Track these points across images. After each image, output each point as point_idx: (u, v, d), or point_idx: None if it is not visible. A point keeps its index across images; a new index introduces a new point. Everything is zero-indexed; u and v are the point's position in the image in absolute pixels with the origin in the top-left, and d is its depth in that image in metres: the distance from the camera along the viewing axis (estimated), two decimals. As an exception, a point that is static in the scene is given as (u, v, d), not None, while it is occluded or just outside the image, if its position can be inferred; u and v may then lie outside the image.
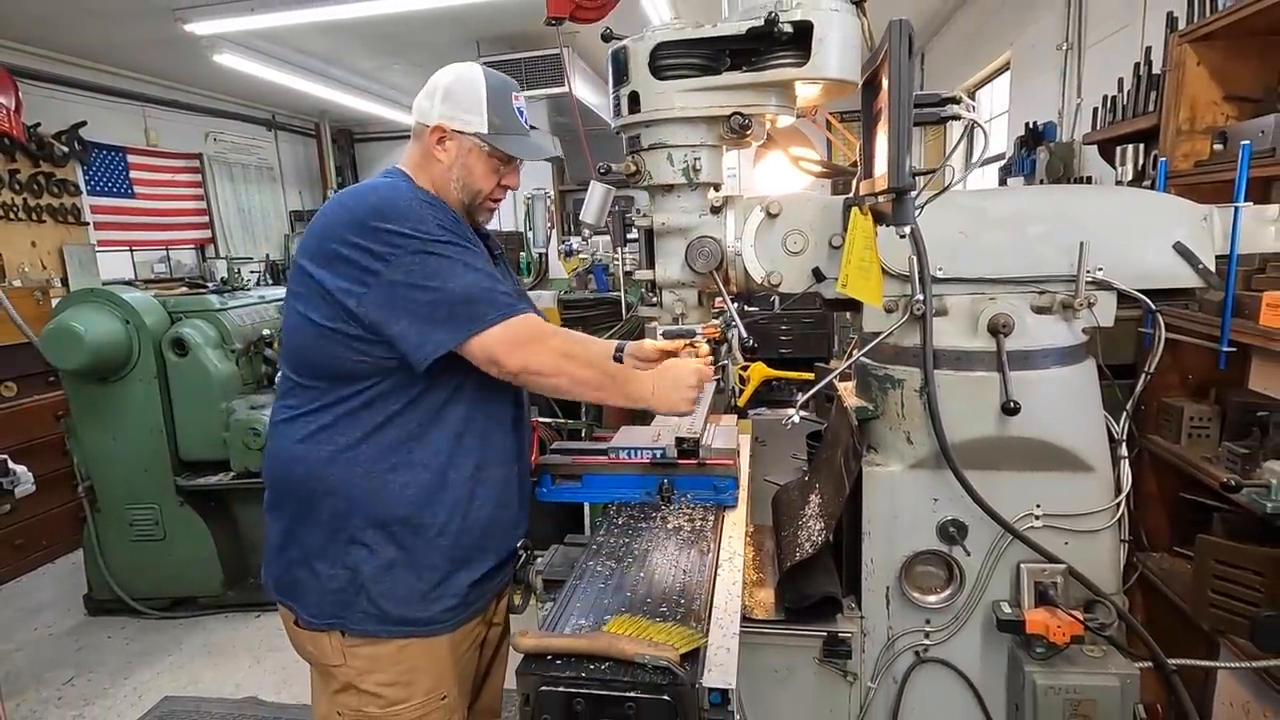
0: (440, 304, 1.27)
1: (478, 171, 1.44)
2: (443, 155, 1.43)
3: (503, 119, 1.43)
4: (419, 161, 1.46)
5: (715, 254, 1.43)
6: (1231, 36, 2.07)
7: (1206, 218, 1.40)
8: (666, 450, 1.74)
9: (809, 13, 1.26)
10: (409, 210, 1.29)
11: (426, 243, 1.27)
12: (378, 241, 1.26)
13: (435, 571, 1.37)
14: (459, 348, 1.28)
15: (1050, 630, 1.34)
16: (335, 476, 1.33)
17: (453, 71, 1.44)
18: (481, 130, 1.41)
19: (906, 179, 1.06)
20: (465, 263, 1.30)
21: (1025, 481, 1.42)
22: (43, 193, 5.26)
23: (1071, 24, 3.78)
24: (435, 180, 1.44)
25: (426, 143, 1.43)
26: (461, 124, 1.41)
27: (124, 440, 3.44)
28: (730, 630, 1.20)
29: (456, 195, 1.45)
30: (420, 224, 1.28)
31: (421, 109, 1.44)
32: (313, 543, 1.36)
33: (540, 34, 4.86)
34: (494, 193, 1.49)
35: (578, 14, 3.24)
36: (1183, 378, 2.22)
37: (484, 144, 1.42)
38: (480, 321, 1.27)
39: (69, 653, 3.37)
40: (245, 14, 4.69)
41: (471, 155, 1.43)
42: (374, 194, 1.33)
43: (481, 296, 1.29)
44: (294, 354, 1.39)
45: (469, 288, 1.28)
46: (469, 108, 1.41)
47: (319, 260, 1.31)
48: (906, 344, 1.44)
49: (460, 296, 1.27)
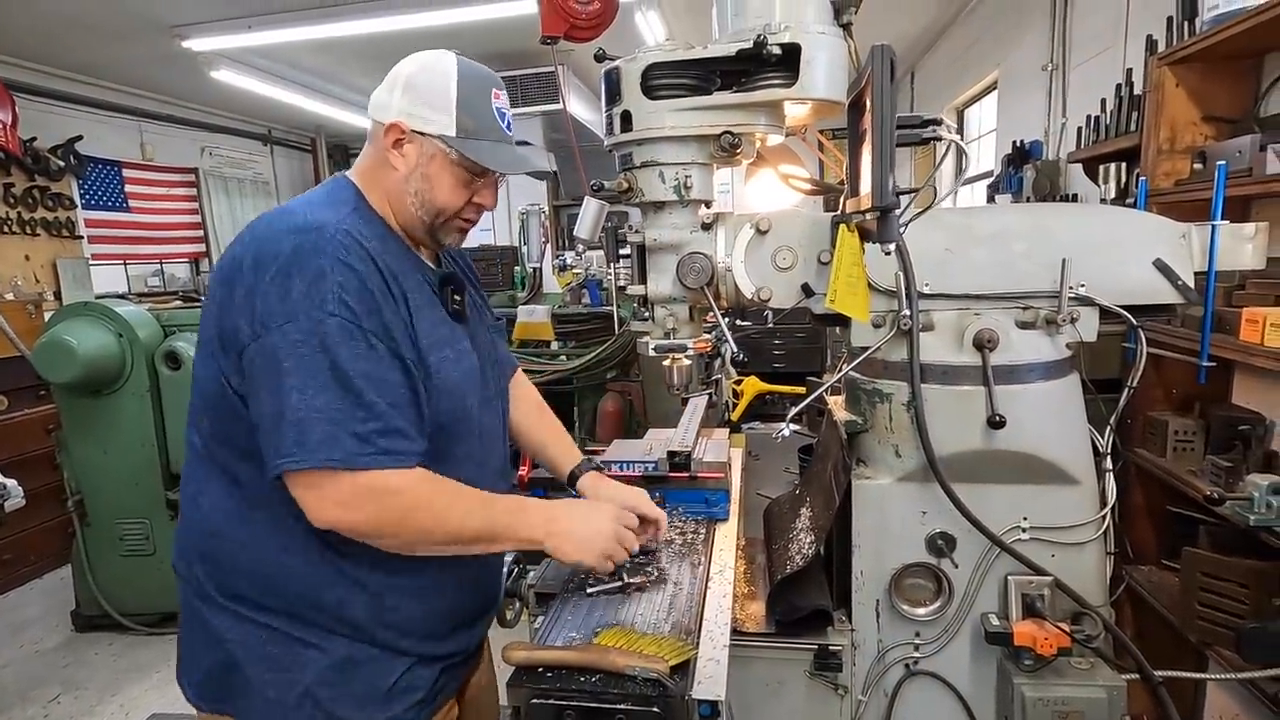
0: (274, 412, 1.00)
1: (442, 184, 1.16)
2: (399, 161, 1.15)
3: (477, 120, 1.16)
4: (373, 169, 1.19)
5: (706, 270, 1.46)
6: (1208, 59, 2.13)
7: (1185, 235, 1.44)
8: (658, 463, 1.75)
9: (797, 35, 1.29)
10: (313, 269, 1.02)
11: (302, 325, 1.00)
12: (261, 300, 1.02)
13: (396, 666, 1.16)
14: (285, 471, 1.01)
15: (1038, 642, 1.36)
16: (274, 573, 1.11)
17: (419, 58, 1.18)
18: (448, 132, 1.14)
19: (890, 198, 1.09)
20: (335, 367, 1.00)
21: (1012, 494, 1.44)
22: (37, 206, 5.27)
23: (1056, 46, 3.86)
24: (390, 193, 1.17)
25: (381, 144, 1.16)
26: (423, 122, 1.14)
27: (115, 454, 3.42)
28: (720, 643, 1.21)
29: (415, 213, 1.18)
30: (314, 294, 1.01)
31: (378, 103, 1.17)
32: (245, 645, 1.11)
33: (536, 52, 4.92)
34: (464, 211, 1.22)
35: (572, 33, 3.30)
36: (1167, 392, 2.26)
37: (450, 150, 1.15)
38: (290, 458, 0.99)
39: (56, 670, 3.33)
40: (243, 31, 4.74)
41: (434, 163, 1.15)
42: (290, 236, 1.05)
43: (317, 428, 0.98)
44: (207, 417, 1.13)
45: (309, 410, 0.99)
46: (434, 102, 1.14)
47: (220, 304, 1.07)
48: (894, 358, 1.46)
49: (292, 415, 0.99)
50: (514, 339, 3.98)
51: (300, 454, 0.99)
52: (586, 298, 4.11)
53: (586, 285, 4.12)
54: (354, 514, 1.03)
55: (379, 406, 1.03)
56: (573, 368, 3.77)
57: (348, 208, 1.14)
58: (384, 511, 1.04)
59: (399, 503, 1.05)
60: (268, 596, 1.12)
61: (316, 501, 1.02)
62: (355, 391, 1.01)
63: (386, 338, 1.06)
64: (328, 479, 1.01)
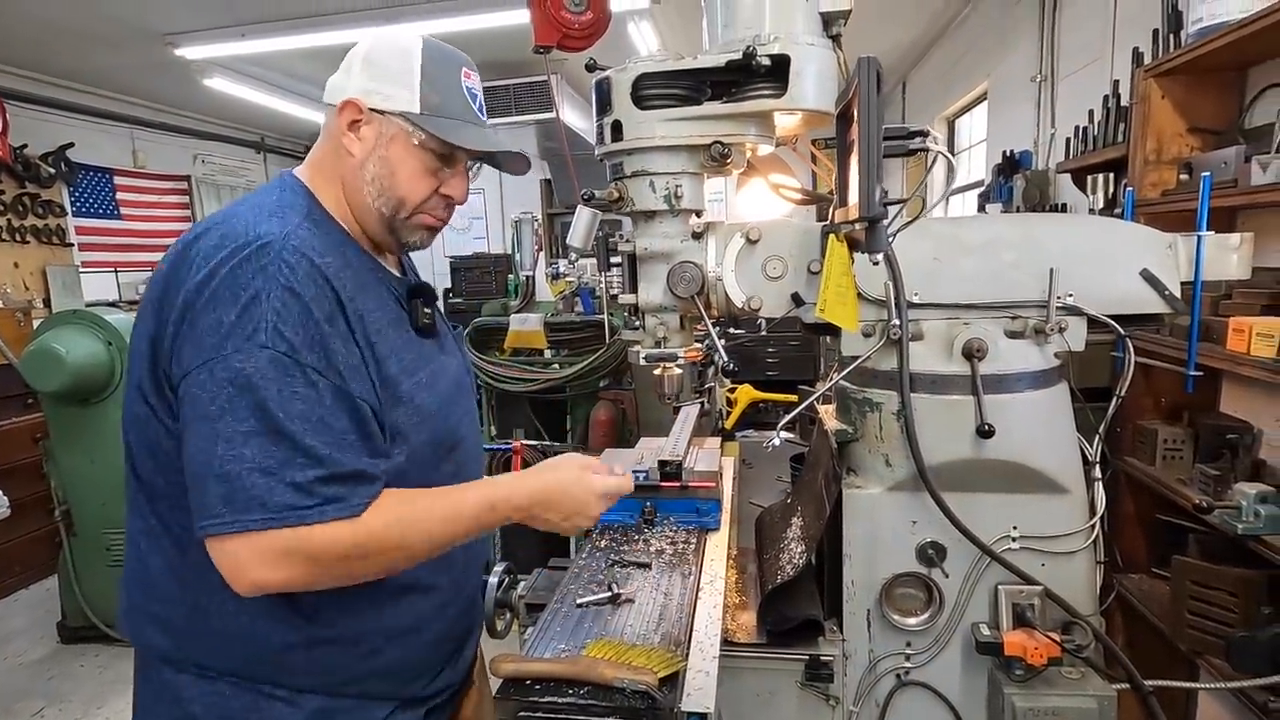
0: (192, 466, 0.88)
1: (403, 169, 1.03)
2: (355, 146, 1.02)
3: (444, 97, 1.04)
4: (325, 162, 1.06)
5: (696, 279, 1.46)
6: (1193, 72, 2.16)
7: (1172, 246, 1.45)
8: (650, 473, 1.75)
9: (786, 46, 1.30)
10: (249, 295, 0.89)
11: (231, 363, 0.86)
12: (191, 328, 0.89)
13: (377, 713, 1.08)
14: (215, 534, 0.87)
15: (1028, 652, 1.35)
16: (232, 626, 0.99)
17: (377, 33, 1.07)
18: (411, 109, 1.01)
19: (877, 208, 1.09)
20: (265, 409, 0.86)
21: (1002, 503, 1.44)
22: (27, 214, 5.25)
23: (1045, 57, 3.90)
24: (348, 188, 1.04)
25: (335, 129, 1.03)
26: (383, 99, 1.01)
27: (103, 463, 3.39)
28: (710, 654, 1.20)
29: (372, 204, 1.04)
30: (249, 325, 0.88)
31: (334, 86, 1.05)
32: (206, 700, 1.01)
33: (529, 61, 4.93)
34: (429, 204, 1.08)
35: (565, 42, 3.31)
36: (1156, 401, 2.27)
37: (413, 129, 1.02)
38: (210, 518, 0.86)
39: (40, 682, 3.29)
40: (236, 39, 4.75)
41: (395, 145, 1.02)
42: (231, 254, 0.91)
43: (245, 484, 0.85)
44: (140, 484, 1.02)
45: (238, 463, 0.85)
46: (395, 77, 1.01)
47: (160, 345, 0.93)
48: (884, 367, 1.47)
49: (218, 469, 0.85)
50: (506, 347, 3.97)
51: (228, 513, 0.85)
52: (579, 306, 4.10)
53: (579, 294, 4.11)
54: (296, 573, 0.89)
55: (318, 450, 0.88)
56: (565, 376, 3.76)
57: (298, 215, 0.99)
58: (334, 566, 0.91)
59: (349, 553, 0.91)
60: (230, 660, 1.01)
61: (249, 567, 0.87)
62: (289, 436, 0.87)
63: (331, 372, 0.91)
64: (261, 539, 0.86)
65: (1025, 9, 4.12)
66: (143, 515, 1.03)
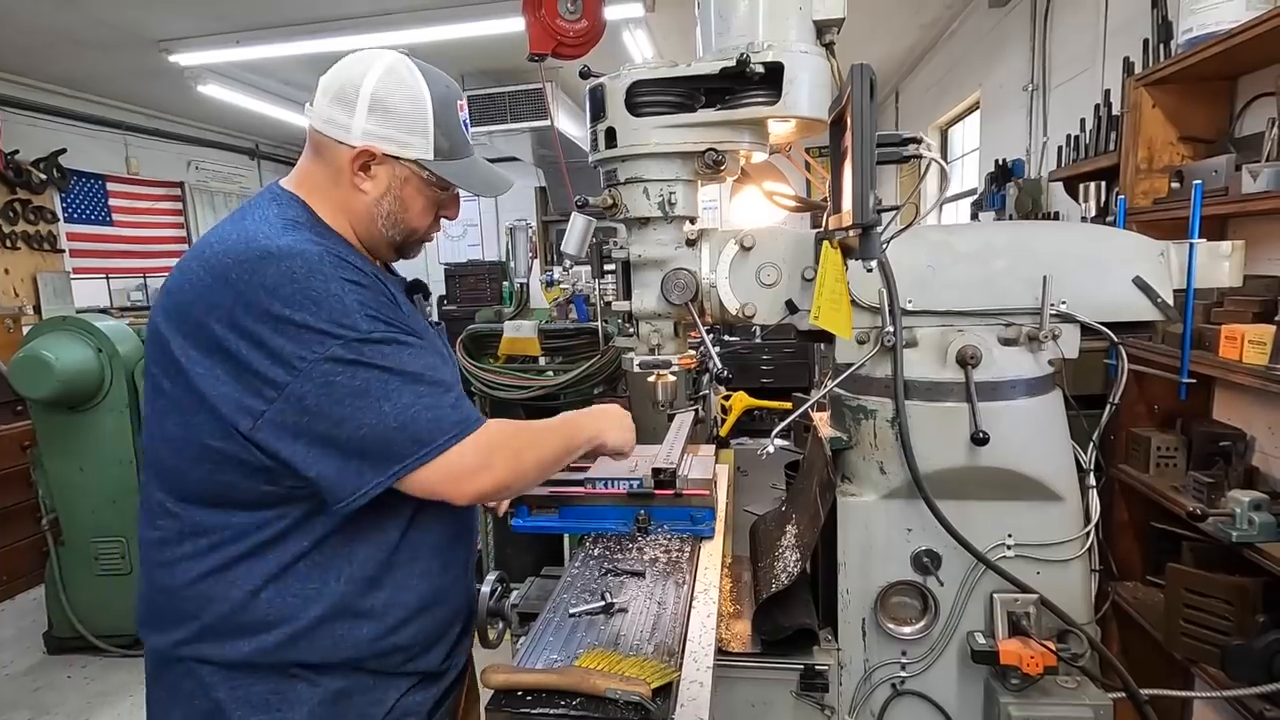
0: (366, 432, 0.97)
1: (415, 206, 1.15)
2: (368, 185, 1.10)
3: (450, 139, 1.13)
4: (324, 186, 1.12)
5: (690, 286, 1.45)
6: (1184, 81, 2.17)
7: (1164, 253, 1.45)
8: (643, 481, 1.74)
9: (780, 54, 1.30)
10: (326, 294, 0.97)
11: (350, 344, 0.96)
12: (282, 336, 0.95)
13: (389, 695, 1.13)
14: (396, 484, 1.00)
15: (1024, 661, 1.35)
16: (262, 613, 1.04)
17: (378, 70, 1.09)
18: (426, 156, 1.11)
19: (871, 215, 1.09)
20: (401, 370, 1.00)
21: (996, 511, 1.43)
22: (18, 220, 5.22)
23: (1036, 67, 3.93)
24: (353, 214, 1.12)
25: (342, 167, 1.09)
26: (398, 147, 1.09)
27: (92, 471, 3.36)
28: (704, 664, 1.19)
29: (384, 233, 1.15)
30: (343, 315, 0.97)
31: (334, 120, 1.08)
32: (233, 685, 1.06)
33: (524, 68, 4.95)
34: (433, 227, 1.22)
35: (560, 51, 3.32)
36: (1150, 408, 2.28)
37: (427, 173, 1.12)
38: (417, 454, 0.99)
39: (26, 693, 3.24)
40: (230, 46, 4.75)
41: (408, 186, 1.12)
42: (273, 263, 0.97)
43: (420, 419, 0.99)
44: (169, 476, 1.06)
45: (406, 409, 0.99)
46: (410, 126, 1.09)
47: (193, 348, 0.98)
48: (878, 375, 1.46)
49: (392, 421, 0.98)
50: (500, 354, 3.95)
51: (422, 448, 1.00)
52: (574, 313, 4.09)
53: (574, 301, 4.10)
54: (492, 473, 1.05)
55: (447, 382, 1.06)
56: (559, 383, 3.75)
57: (305, 229, 1.06)
58: (509, 458, 1.08)
59: (511, 444, 1.10)
60: (255, 645, 1.05)
61: (454, 482, 1.03)
62: (425, 380, 1.02)
63: (410, 332, 1.07)
64: (454, 457, 1.01)
65: (1016, 20, 4.16)
66: (167, 517, 1.08)
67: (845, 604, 1.49)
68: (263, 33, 4.65)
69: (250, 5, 4.28)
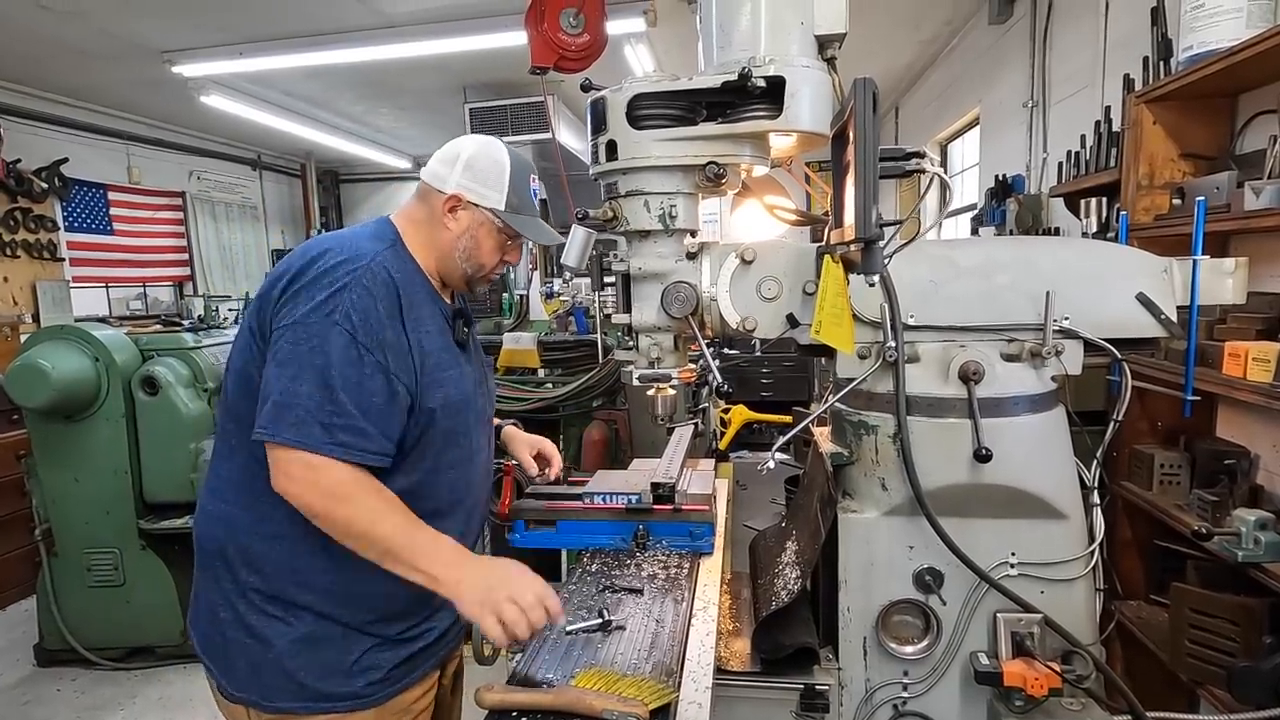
0: (275, 393, 1.19)
1: (486, 246, 1.42)
2: (453, 224, 1.40)
3: (520, 199, 1.42)
4: (421, 222, 1.42)
5: (690, 299, 1.44)
6: (1184, 98, 2.18)
7: (1166, 269, 1.44)
8: (642, 496, 1.72)
9: (781, 68, 1.30)
10: (343, 287, 1.23)
11: (321, 325, 1.20)
12: (297, 297, 1.23)
13: (356, 646, 1.30)
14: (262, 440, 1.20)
15: (1028, 683, 1.32)
16: (253, 544, 1.28)
17: (476, 143, 1.42)
18: (499, 206, 1.39)
19: (873, 229, 1.08)
20: (326, 369, 1.19)
21: (999, 529, 1.41)
22: (19, 228, 5.22)
23: (1036, 83, 3.95)
24: (439, 247, 1.41)
25: (436, 208, 1.39)
26: (479, 197, 1.39)
27: (86, 481, 3.33)
28: (703, 685, 1.17)
29: (460, 265, 1.42)
30: (340, 308, 1.21)
31: (437, 174, 1.41)
32: (229, 609, 1.30)
33: (525, 82, 4.97)
34: (496, 267, 1.48)
35: (561, 64, 3.33)
36: (1153, 425, 2.26)
37: (498, 220, 1.40)
38: (272, 429, 1.18)
39: (15, 707, 3.20)
40: (234, 57, 4.77)
41: (483, 229, 1.41)
42: (336, 251, 1.28)
43: (297, 407, 1.17)
44: (225, 402, 1.36)
45: (296, 395, 1.18)
46: (491, 183, 1.39)
47: (260, 300, 1.30)
48: (880, 390, 1.45)
49: (280, 397, 1.18)
50: (499, 366, 3.94)
51: (273, 429, 1.18)
52: (574, 326, 4.09)
53: (574, 313, 4.10)
54: (297, 488, 1.19)
55: (347, 407, 1.20)
56: (559, 396, 3.74)
57: (385, 244, 1.34)
58: (321, 496, 1.19)
59: (334, 491, 1.19)
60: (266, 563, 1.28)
61: (274, 472, 1.20)
62: (332, 389, 1.19)
63: (379, 352, 1.23)
64: (290, 455, 1.18)
65: (1015, 37, 4.19)
66: (224, 454, 1.35)
67: (846, 622, 1.47)
68: (266, 44, 4.68)
69: (253, 17, 4.31)
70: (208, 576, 1.35)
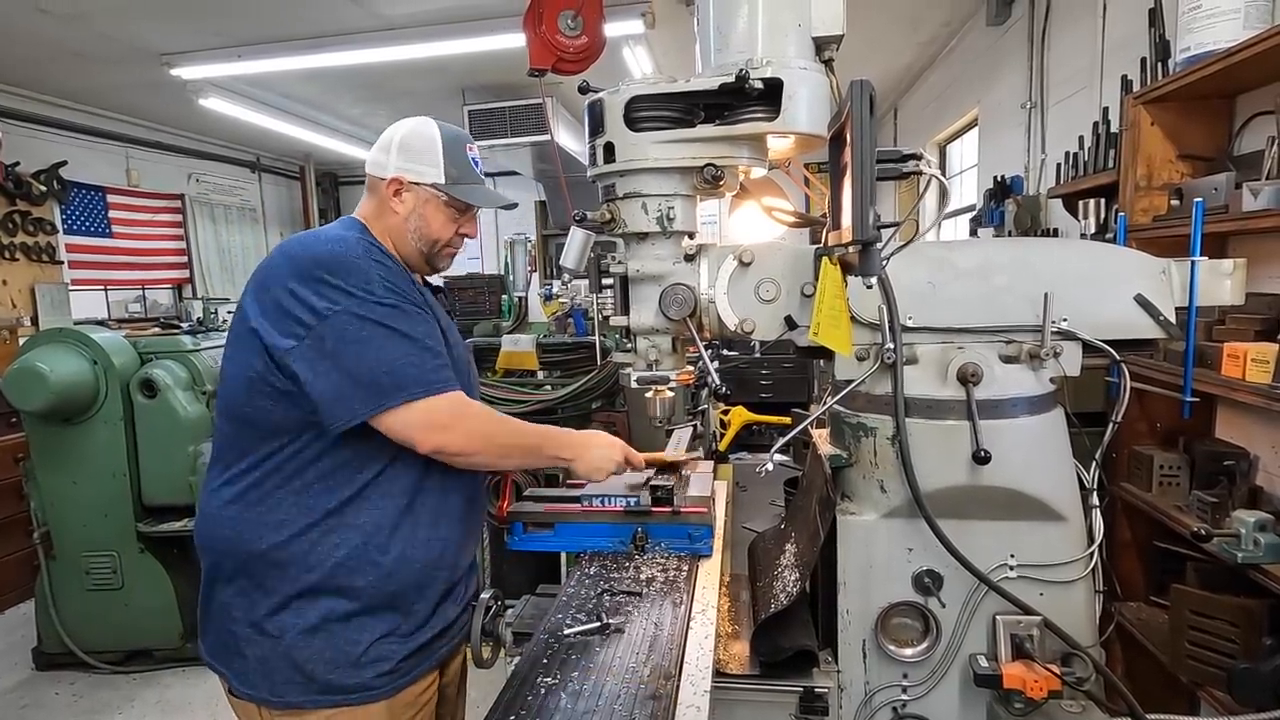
0: (363, 371, 1.24)
1: (435, 221, 1.46)
2: (399, 206, 1.44)
3: (459, 169, 1.45)
4: (375, 212, 1.47)
5: (689, 301, 1.44)
6: (1182, 99, 2.18)
7: (1165, 271, 1.44)
8: (640, 498, 1.71)
9: (779, 70, 1.30)
10: (355, 266, 1.28)
11: (366, 303, 1.26)
12: (318, 294, 1.25)
13: (365, 633, 1.31)
14: (373, 420, 1.25)
15: (1028, 685, 1.32)
16: (263, 537, 1.29)
17: (406, 125, 1.46)
18: (438, 180, 1.43)
19: (871, 231, 1.08)
20: (401, 331, 1.28)
21: (998, 531, 1.41)
22: (17, 231, 5.21)
23: (1034, 85, 3.95)
24: (392, 231, 1.45)
25: (383, 194, 1.44)
26: (417, 175, 1.43)
27: (85, 484, 3.33)
28: (701, 688, 1.17)
29: (414, 245, 1.46)
30: (366, 283, 1.27)
31: (377, 162, 1.46)
32: (241, 609, 1.32)
33: (524, 83, 4.97)
34: (452, 241, 1.51)
35: (560, 66, 3.34)
36: (1152, 426, 2.26)
37: (441, 194, 1.44)
38: (397, 397, 1.25)
39: (13, 711, 3.19)
40: (233, 60, 4.76)
41: (429, 205, 1.44)
42: (324, 244, 1.32)
43: (406, 370, 1.26)
44: (226, 407, 1.37)
45: (396, 360, 1.26)
46: (425, 159, 1.43)
47: (258, 307, 1.29)
48: (878, 392, 1.45)
49: (384, 367, 1.25)
50: (498, 368, 3.94)
51: (401, 393, 1.24)
52: (572, 327, 4.09)
53: (572, 315, 4.10)
54: (454, 433, 1.29)
55: (436, 348, 1.33)
56: (558, 397, 3.73)
57: (356, 233, 1.41)
58: (472, 424, 1.32)
59: (478, 413, 1.34)
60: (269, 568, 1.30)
61: (422, 430, 1.27)
62: (417, 342, 1.29)
63: (423, 306, 1.37)
64: (429, 405, 1.27)
65: (1013, 38, 4.19)
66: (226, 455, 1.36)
67: (845, 625, 1.47)
68: (264, 47, 4.67)
69: (252, 20, 4.30)
70: (218, 581, 1.35)
